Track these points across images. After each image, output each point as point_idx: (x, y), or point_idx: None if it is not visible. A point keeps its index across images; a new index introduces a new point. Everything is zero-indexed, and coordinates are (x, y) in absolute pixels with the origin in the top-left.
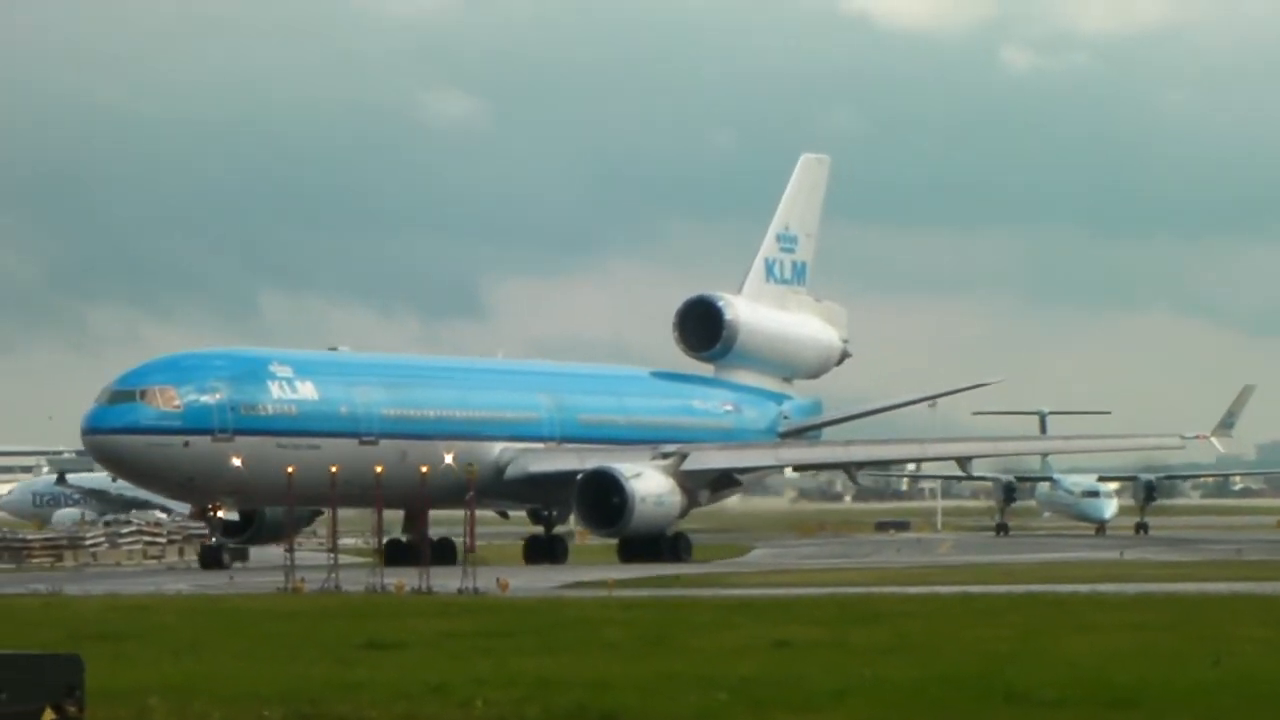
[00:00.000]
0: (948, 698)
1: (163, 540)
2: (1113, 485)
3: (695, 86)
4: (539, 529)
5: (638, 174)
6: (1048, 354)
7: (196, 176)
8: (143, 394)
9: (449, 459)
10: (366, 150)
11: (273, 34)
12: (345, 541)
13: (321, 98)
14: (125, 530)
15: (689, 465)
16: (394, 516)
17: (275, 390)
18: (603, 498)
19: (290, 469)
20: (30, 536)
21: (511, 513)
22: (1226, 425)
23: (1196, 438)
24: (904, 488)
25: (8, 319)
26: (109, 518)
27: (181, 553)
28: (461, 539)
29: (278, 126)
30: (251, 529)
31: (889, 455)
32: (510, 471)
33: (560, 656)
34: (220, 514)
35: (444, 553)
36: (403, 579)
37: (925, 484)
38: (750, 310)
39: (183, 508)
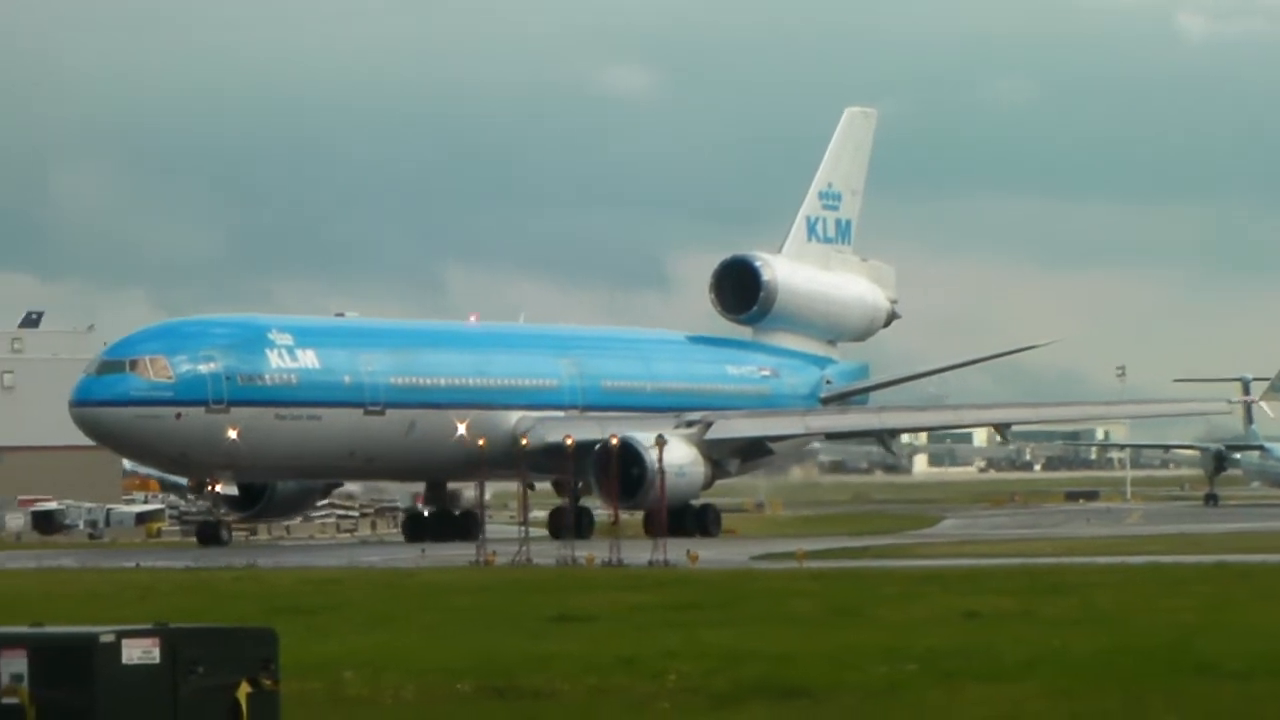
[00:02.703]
0: (1138, 668)
1: (355, 514)
2: None
3: (868, 53)
4: (563, 500)
5: (815, 144)
6: (1230, 323)
7: (380, 156)
8: (132, 364)
9: (462, 429)
10: (545, 126)
11: (450, 16)
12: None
13: (499, 77)
14: (319, 504)
15: (713, 434)
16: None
17: (274, 359)
18: (622, 468)
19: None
20: None
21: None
22: (1277, 388)
23: (1242, 401)
24: (1093, 457)
25: (194, 290)
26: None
27: (374, 526)
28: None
29: (457, 106)
30: (261, 504)
31: (923, 423)
32: (528, 441)
33: (748, 628)
34: (219, 488)
35: (467, 527)
36: (592, 552)
37: (1114, 453)
38: (790, 270)
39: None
